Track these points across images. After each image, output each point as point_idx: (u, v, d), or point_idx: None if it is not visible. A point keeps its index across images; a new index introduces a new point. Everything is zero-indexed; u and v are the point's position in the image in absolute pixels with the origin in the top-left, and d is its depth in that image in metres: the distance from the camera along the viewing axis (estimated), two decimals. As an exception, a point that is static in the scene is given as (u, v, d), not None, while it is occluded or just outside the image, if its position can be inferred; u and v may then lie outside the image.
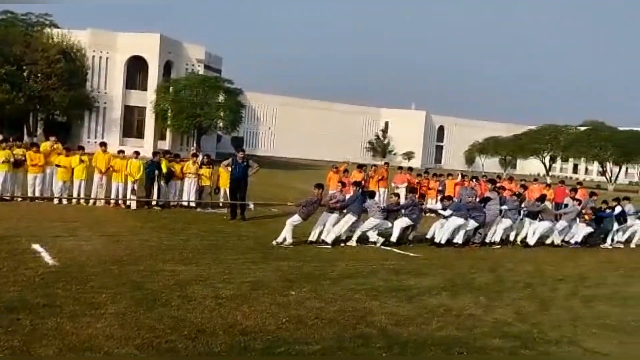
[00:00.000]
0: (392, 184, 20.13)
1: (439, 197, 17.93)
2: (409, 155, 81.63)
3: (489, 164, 77.29)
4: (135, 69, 48.89)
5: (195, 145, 46.10)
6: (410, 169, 22.86)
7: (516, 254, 13.18)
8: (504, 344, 6.44)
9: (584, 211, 15.41)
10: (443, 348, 6.13)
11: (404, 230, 13.05)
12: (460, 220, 13.09)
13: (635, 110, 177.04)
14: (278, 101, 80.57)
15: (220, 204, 16.53)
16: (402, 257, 11.50)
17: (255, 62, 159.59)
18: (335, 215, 12.31)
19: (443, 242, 13.00)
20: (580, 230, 15.14)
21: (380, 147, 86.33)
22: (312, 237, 12.18)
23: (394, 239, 12.76)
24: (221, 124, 48.30)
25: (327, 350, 5.78)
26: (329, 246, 11.83)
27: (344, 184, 14.21)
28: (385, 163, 25.83)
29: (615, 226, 15.96)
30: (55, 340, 5.46)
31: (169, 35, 49.58)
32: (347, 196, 13.01)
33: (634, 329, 7.60)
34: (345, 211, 12.35)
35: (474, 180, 18.61)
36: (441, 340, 6.40)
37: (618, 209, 16.35)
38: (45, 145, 16.68)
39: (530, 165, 79.66)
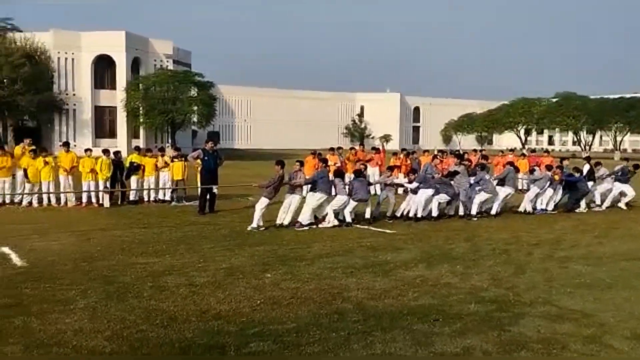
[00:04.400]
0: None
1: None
2: (386, 138, 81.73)
3: (466, 141, 77.77)
4: (103, 68, 48.07)
5: (170, 141, 45.60)
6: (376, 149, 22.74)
7: (492, 224, 13.24)
8: (479, 309, 6.43)
9: (552, 171, 15.51)
10: (419, 316, 6.10)
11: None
12: (429, 191, 13.18)
13: (604, 79, 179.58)
14: (251, 92, 79.98)
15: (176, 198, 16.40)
16: (379, 235, 11.48)
17: (225, 55, 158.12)
18: (298, 197, 12.27)
19: (419, 215, 13.05)
20: (548, 197, 15.26)
21: (357, 132, 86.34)
22: (279, 220, 12.12)
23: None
24: (195, 119, 47.79)
25: (302, 328, 5.71)
26: (305, 227, 11.78)
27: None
28: (361, 144, 25.80)
29: (590, 185, 16.13)
30: (22, 338, 5.32)
31: (134, 32, 48.78)
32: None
33: (607, 285, 7.66)
34: (315, 190, 12.29)
35: (439, 155, 18.93)
36: (417, 309, 6.37)
37: (586, 167, 16.54)
38: (17, 149, 16.38)
39: (507, 140, 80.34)
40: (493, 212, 14.24)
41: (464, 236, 11.35)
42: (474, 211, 13.89)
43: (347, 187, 12.86)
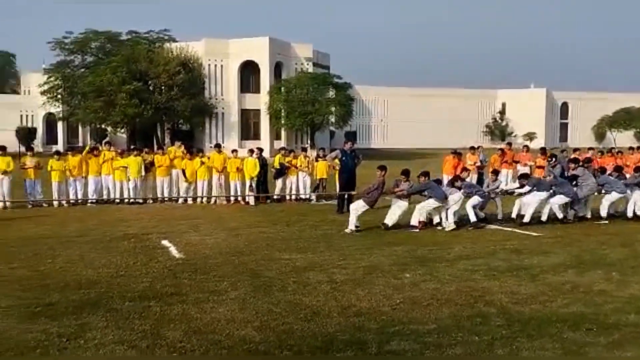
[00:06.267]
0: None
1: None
2: (530, 136, 77.57)
3: (623, 139, 71.42)
4: (248, 73, 50.76)
5: (309, 142, 47.05)
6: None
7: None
8: (640, 320, 5.92)
9: None
10: (569, 324, 5.74)
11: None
12: (542, 195, 12.34)
13: None
14: (388, 92, 79.88)
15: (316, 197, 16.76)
16: (524, 237, 10.95)
17: (362, 56, 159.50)
18: (404, 203, 11.91)
19: (527, 217, 12.29)
20: None
21: (498, 130, 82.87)
22: (388, 221, 11.87)
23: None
24: (333, 119, 48.89)
25: (443, 329, 5.64)
26: (416, 230, 11.55)
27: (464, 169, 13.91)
28: (508, 143, 24.72)
29: None
30: (182, 324, 5.80)
31: (277, 37, 50.94)
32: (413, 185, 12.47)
33: None
34: (428, 197, 11.94)
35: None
36: (567, 316, 6.00)
37: None
38: (170, 150, 17.95)
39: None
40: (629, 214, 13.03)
41: (619, 241, 10.48)
42: (603, 213, 12.90)
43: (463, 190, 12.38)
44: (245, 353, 5.08)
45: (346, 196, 14.57)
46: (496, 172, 14.38)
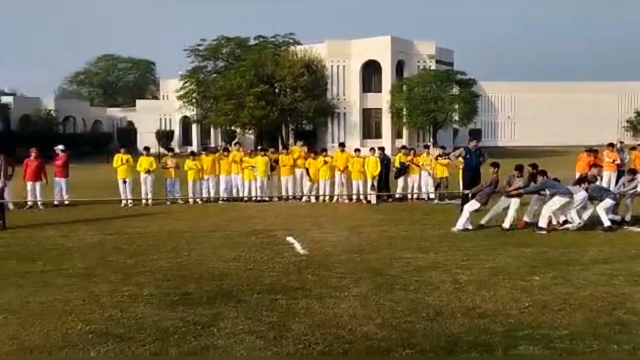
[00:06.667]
0: None
1: None
2: (679, 132, 70.61)
3: None
4: (370, 73, 50.95)
5: (431, 140, 46.28)
6: None
7: None
8: None
9: None
10: None
11: None
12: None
13: None
14: (516, 88, 76.34)
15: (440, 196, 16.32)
16: (671, 241, 10.01)
17: (487, 51, 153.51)
18: (516, 200, 11.35)
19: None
20: None
21: (641, 125, 76.23)
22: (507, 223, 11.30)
23: None
24: (456, 117, 47.71)
25: (576, 335, 5.32)
26: (543, 232, 10.86)
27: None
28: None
29: None
30: (306, 318, 5.97)
31: (399, 36, 50.65)
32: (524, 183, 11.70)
33: None
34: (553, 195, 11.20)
35: None
36: None
37: None
38: (294, 149, 18.51)
39: None
40: None
41: None
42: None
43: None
44: (367, 349, 5.13)
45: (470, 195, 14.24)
46: (633, 172, 13.24)
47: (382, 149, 17.88)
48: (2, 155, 12.54)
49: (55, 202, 16.11)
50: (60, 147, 17.02)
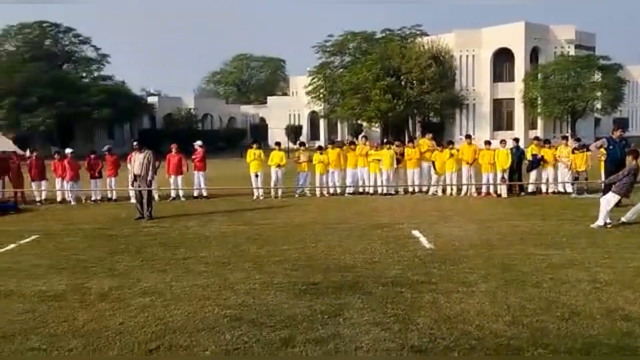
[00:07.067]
0: None
1: None
2: None
3: None
4: (501, 61, 48.87)
5: (570, 131, 43.46)
6: None
7: None
8: None
9: None
10: None
11: None
12: None
13: None
14: (669, 71, 69.42)
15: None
16: None
17: (636, 32, 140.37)
18: None
19: None
20: None
21: None
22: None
23: None
24: (598, 105, 44.42)
25: None
26: None
27: None
28: None
29: None
30: (432, 312, 5.90)
31: (534, 22, 48.01)
32: None
33: None
34: None
35: None
36: None
37: None
38: (422, 142, 18.27)
39: None
40: None
41: None
42: None
43: None
44: (495, 346, 4.97)
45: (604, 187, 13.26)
46: None
47: (516, 140, 17.11)
48: (150, 150, 13.66)
49: (195, 194, 17.28)
50: (198, 143, 18.21)
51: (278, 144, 18.67)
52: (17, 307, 6.33)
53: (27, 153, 18.42)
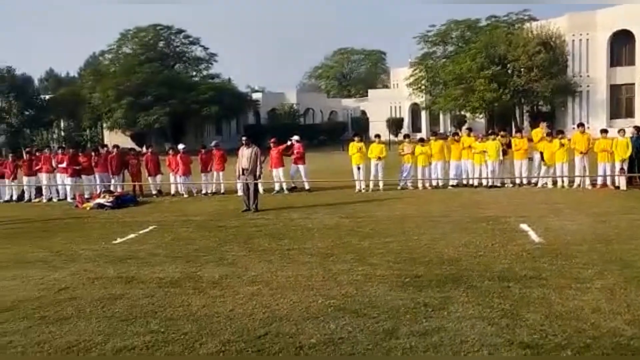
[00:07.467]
0: None
1: None
2: None
3: None
4: (619, 44, 45.52)
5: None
6: None
7: None
8: None
9: None
10: None
11: None
12: None
13: None
14: None
15: None
16: None
17: None
18: None
19: None
20: None
21: None
22: None
23: None
24: None
25: None
26: None
27: None
28: None
29: None
30: (542, 308, 5.66)
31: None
32: None
33: None
34: None
35: None
36: None
37: None
38: (535, 132, 17.44)
39: None
40: None
41: None
42: None
43: None
44: (613, 346, 4.68)
45: None
46: None
47: (637, 128, 15.87)
48: (257, 146, 14.09)
49: (292, 185, 17.61)
50: (295, 137, 18.48)
51: (378, 136, 18.59)
52: (137, 293, 6.80)
53: (144, 149, 19.67)
